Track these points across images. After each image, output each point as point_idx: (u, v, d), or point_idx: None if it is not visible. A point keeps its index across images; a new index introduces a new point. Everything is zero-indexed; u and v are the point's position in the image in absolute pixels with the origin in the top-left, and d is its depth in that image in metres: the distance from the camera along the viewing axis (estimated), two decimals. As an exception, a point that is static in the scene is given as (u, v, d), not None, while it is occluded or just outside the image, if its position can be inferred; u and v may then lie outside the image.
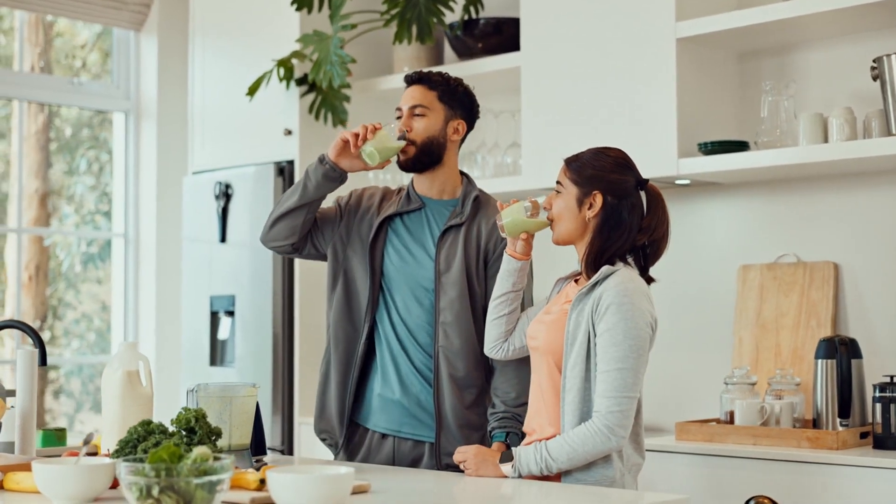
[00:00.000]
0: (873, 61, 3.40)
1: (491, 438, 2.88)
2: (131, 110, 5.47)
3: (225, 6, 4.97)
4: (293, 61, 4.58)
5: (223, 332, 4.79)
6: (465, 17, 4.41)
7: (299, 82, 4.59)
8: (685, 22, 3.68)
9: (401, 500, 2.32)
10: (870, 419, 3.40)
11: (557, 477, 2.52)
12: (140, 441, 2.24)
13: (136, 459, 1.92)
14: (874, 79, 3.39)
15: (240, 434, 2.55)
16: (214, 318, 4.83)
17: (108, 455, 2.47)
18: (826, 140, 3.48)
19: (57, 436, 2.98)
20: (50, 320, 5.66)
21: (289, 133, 4.63)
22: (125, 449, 2.24)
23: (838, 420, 3.38)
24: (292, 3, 4.48)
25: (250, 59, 4.78)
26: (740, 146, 3.64)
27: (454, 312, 2.89)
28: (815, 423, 3.41)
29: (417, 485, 2.53)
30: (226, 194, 4.78)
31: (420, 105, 2.94)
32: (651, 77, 3.74)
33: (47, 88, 5.31)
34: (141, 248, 5.44)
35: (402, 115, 2.96)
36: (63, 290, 5.73)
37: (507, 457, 2.53)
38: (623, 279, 2.50)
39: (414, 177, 3.03)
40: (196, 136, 5.05)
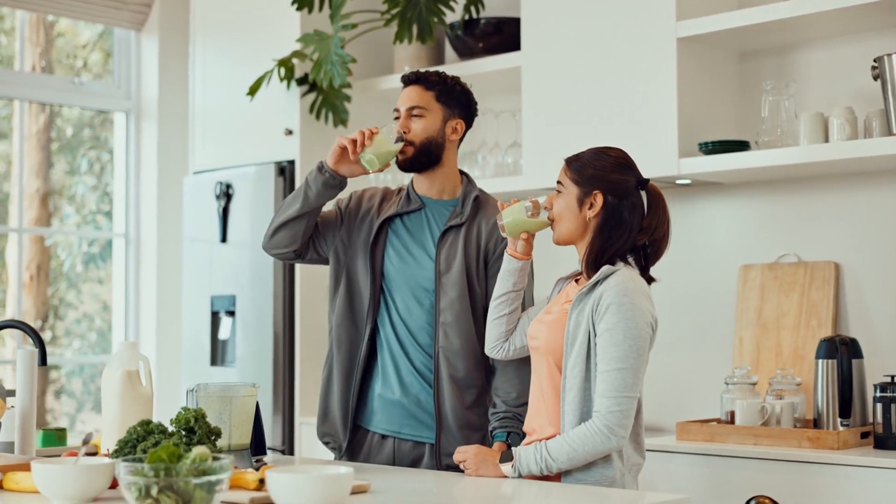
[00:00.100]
0: (874, 61, 3.39)
1: (492, 438, 2.87)
2: (132, 110, 5.47)
3: (225, 6, 4.97)
4: (294, 61, 4.58)
5: (224, 332, 4.79)
6: (466, 17, 4.41)
7: (300, 82, 4.58)
8: (686, 21, 3.68)
9: (400, 500, 2.32)
10: (870, 419, 3.40)
11: (557, 477, 2.51)
12: (139, 441, 2.24)
13: (136, 459, 1.92)
14: (875, 78, 3.38)
15: (239, 434, 2.55)
16: (215, 317, 4.83)
17: (107, 455, 2.47)
18: (827, 140, 3.48)
19: (57, 436, 2.97)
20: (51, 320, 5.66)
21: (289, 133, 4.63)
22: (124, 449, 2.24)
23: (839, 420, 3.37)
24: (293, 2, 4.48)
25: (251, 59, 4.78)
26: (741, 146, 3.64)
27: (454, 313, 2.89)
28: (816, 423, 3.41)
29: (417, 485, 2.52)
30: (226, 194, 4.77)
31: (417, 106, 2.93)
32: (652, 77, 3.74)
33: (48, 88, 5.31)
34: (142, 247, 5.44)
35: (399, 116, 2.96)
36: (64, 290, 5.73)
37: (507, 457, 2.53)
38: (623, 279, 2.50)
39: (414, 177, 3.02)
40: (197, 136, 5.05)
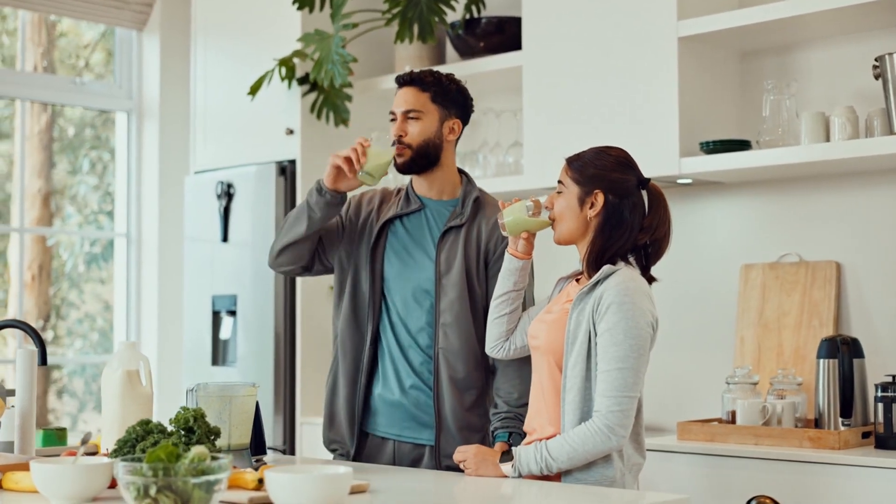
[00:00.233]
0: (875, 60, 3.39)
1: (493, 438, 2.87)
2: (133, 110, 5.47)
3: (226, 6, 4.97)
4: (295, 60, 4.58)
5: (225, 332, 4.79)
6: (467, 16, 4.40)
7: (301, 81, 4.58)
8: (687, 21, 3.67)
9: (400, 500, 2.31)
10: (872, 419, 3.39)
11: (557, 477, 2.51)
12: (138, 441, 2.23)
13: (134, 459, 1.92)
14: (876, 77, 3.38)
15: (239, 434, 2.55)
16: (216, 317, 4.83)
17: (107, 454, 2.47)
18: (828, 139, 3.47)
19: (57, 435, 2.97)
20: (53, 320, 5.66)
21: (290, 132, 4.62)
22: (123, 448, 2.24)
23: (840, 420, 3.37)
24: (294, 2, 4.47)
25: (252, 59, 4.78)
26: (742, 145, 3.63)
27: (454, 314, 2.88)
28: (817, 423, 3.40)
29: (417, 484, 2.52)
30: (228, 194, 4.77)
31: (413, 109, 2.91)
32: (653, 76, 3.74)
33: (50, 88, 5.31)
34: (143, 247, 5.44)
35: (395, 119, 2.94)
36: (66, 290, 5.73)
37: (507, 456, 2.52)
38: (624, 278, 2.49)
39: (413, 177, 3.01)
40: (198, 136, 5.05)
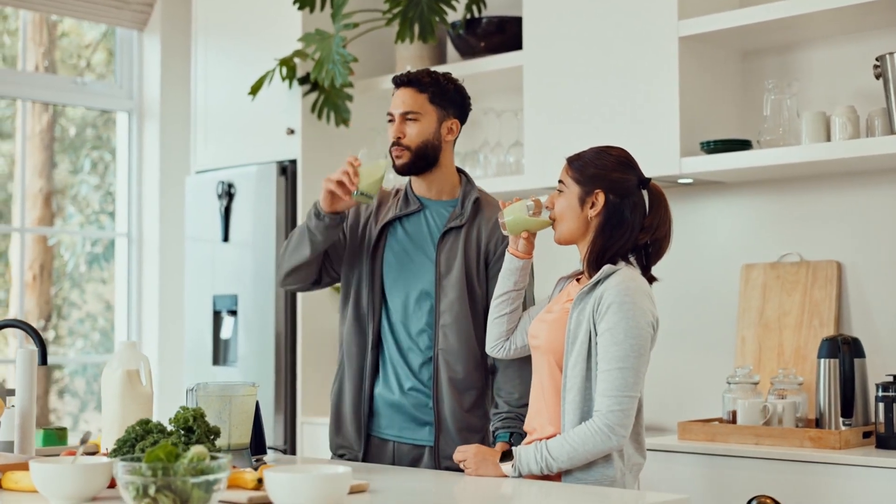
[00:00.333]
0: (876, 59, 3.38)
1: (495, 438, 2.87)
2: (134, 110, 5.47)
3: (227, 6, 4.96)
4: (295, 60, 4.57)
5: (226, 332, 4.79)
6: (468, 16, 4.40)
7: (302, 81, 4.58)
8: (687, 20, 3.67)
9: (400, 500, 2.31)
10: (872, 419, 3.39)
11: (558, 476, 2.51)
12: (138, 440, 2.23)
13: (133, 459, 1.92)
14: (877, 77, 3.38)
15: (239, 433, 2.54)
16: (217, 317, 4.83)
17: (106, 454, 2.47)
18: (829, 139, 3.47)
19: (58, 435, 2.97)
20: (54, 320, 5.66)
21: (291, 132, 4.62)
22: (123, 448, 2.24)
23: (841, 420, 3.36)
24: (294, 2, 4.47)
25: (253, 59, 4.78)
26: (743, 145, 3.63)
27: (453, 314, 2.88)
28: (818, 423, 3.40)
29: (417, 484, 2.52)
30: (228, 193, 4.77)
31: (412, 111, 2.90)
32: (653, 76, 3.73)
33: (51, 88, 5.31)
34: (144, 247, 5.44)
35: (393, 120, 2.94)
36: (68, 290, 5.74)
37: (507, 456, 2.52)
38: (624, 278, 2.49)
39: (412, 178, 3.01)
40: (199, 136, 5.05)
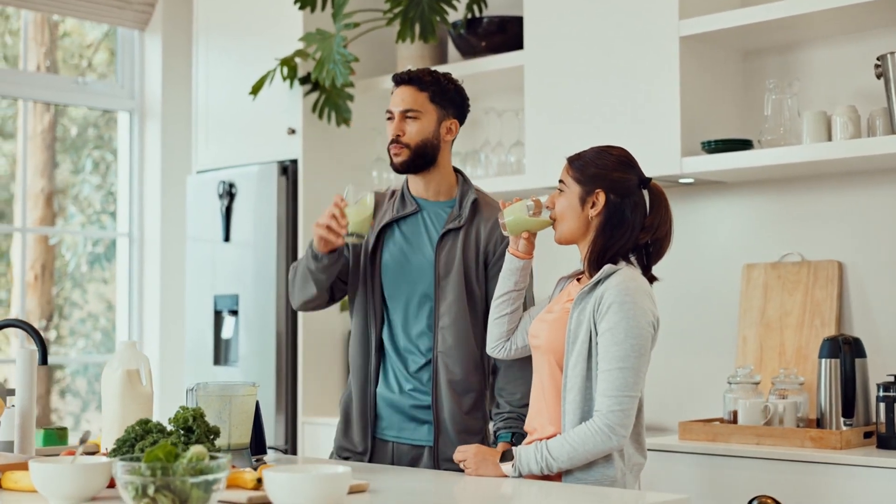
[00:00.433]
0: (877, 59, 3.38)
1: (496, 439, 2.87)
2: (135, 110, 5.47)
3: (228, 5, 4.96)
4: (296, 60, 4.57)
5: (227, 332, 4.79)
6: (469, 16, 4.40)
7: (303, 81, 4.58)
8: (688, 20, 3.66)
9: (400, 500, 2.30)
10: (873, 419, 3.38)
11: (558, 476, 2.50)
12: (137, 440, 2.23)
13: (133, 458, 1.92)
14: (878, 77, 3.37)
15: (239, 433, 2.54)
16: (218, 317, 4.83)
17: (106, 454, 2.47)
18: (830, 138, 3.47)
19: (58, 435, 2.97)
20: (56, 319, 5.67)
21: (292, 132, 4.62)
22: (122, 448, 2.23)
23: (842, 419, 3.36)
24: (295, 1, 4.47)
25: (254, 58, 4.78)
26: (744, 145, 3.63)
27: (452, 316, 2.87)
28: (819, 423, 3.40)
29: (416, 484, 2.51)
30: (229, 193, 4.77)
31: (412, 109, 2.90)
32: (654, 75, 3.73)
33: (53, 88, 5.31)
34: (145, 247, 5.44)
35: (392, 118, 2.93)
36: (69, 290, 5.74)
37: (507, 456, 2.52)
38: (625, 278, 2.49)
39: (408, 178, 3.00)
40: (200, 136, 5.05)
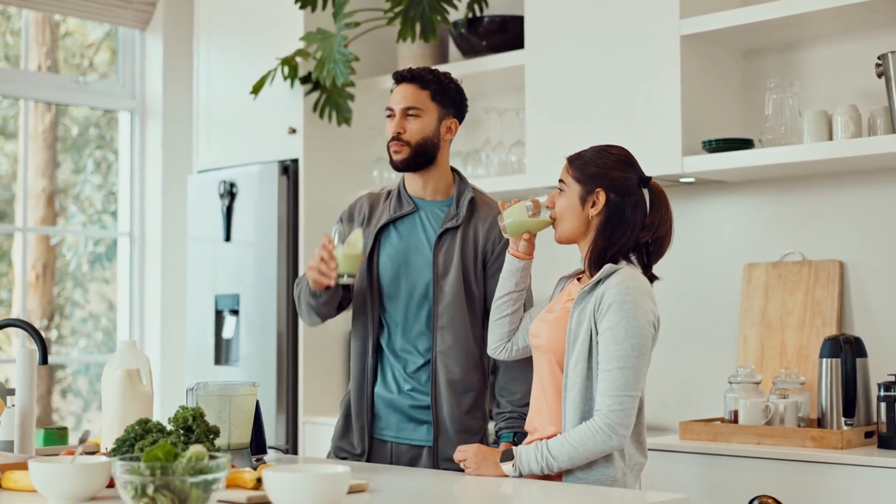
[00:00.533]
0: (878, 58, 3.38)
1: (498, 438, 2.87)
2: (136, 109, 5.47)
3: (229, 5, 4.96)
4: (297, 60, 4.57)
5: (228, 331, 4.79)
6: (470, 15, 4.40)
7: (303, 81, 4.58)
8: (689, 19, 3.66)
9: (399, 500, 2.30)
10: (875, 418, 3.38)
11: (558, 476, 2.50)
12: (137, 440, 2.23)
13: (132, 458, 1.91)
14: (879, 76, 3.37)
15: (239, 433, 2.54)
16: (219, 316, 4.83)
17: (106, 454, 2.47)
18: (831, 138, 3.46)
19: (58, 434, 2.97)
20: (57, 319, 5.67)
21: (293, 131, 4.62)
22: (122, 448, 2.23)
23: (843, 419, 3.36)
24: (296, 1, 4.47)
25: (254, 58, 4.78)
26: (745, 144, 3.62)
27: (451, 316, 2.87)
28: (820, 423, 3.39)
29: (416, 484, 2.51)
30: (230, 193, 4.77)
31: (413, 106, 2.90)
32: (655, 75, 3.73)
33: (54, 88, 5.31)
34: (146, 247, 5.44)
35: (393, 115, 2.93)
36: (70, 290, 5.74)
37: (507, 456, 2.52)
38: (625, 277, 2.48)
39: (405, 177, 3.00)
40: (201, 135, 5.05)
